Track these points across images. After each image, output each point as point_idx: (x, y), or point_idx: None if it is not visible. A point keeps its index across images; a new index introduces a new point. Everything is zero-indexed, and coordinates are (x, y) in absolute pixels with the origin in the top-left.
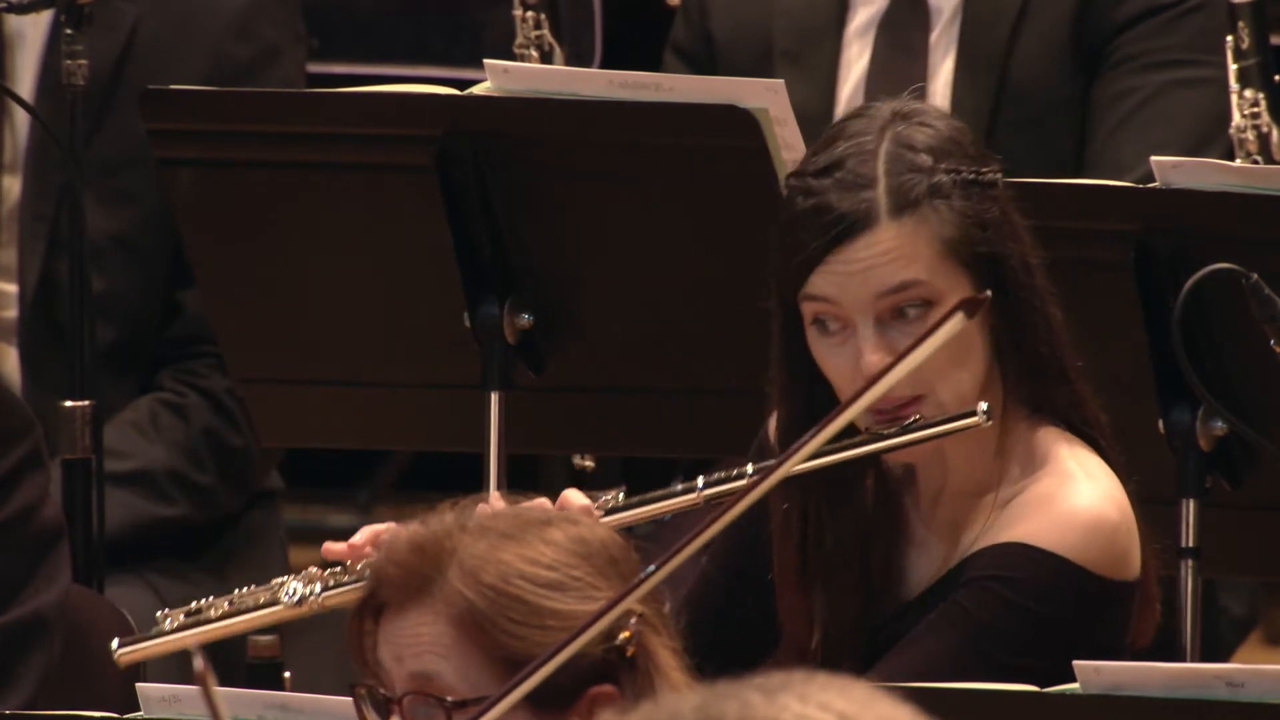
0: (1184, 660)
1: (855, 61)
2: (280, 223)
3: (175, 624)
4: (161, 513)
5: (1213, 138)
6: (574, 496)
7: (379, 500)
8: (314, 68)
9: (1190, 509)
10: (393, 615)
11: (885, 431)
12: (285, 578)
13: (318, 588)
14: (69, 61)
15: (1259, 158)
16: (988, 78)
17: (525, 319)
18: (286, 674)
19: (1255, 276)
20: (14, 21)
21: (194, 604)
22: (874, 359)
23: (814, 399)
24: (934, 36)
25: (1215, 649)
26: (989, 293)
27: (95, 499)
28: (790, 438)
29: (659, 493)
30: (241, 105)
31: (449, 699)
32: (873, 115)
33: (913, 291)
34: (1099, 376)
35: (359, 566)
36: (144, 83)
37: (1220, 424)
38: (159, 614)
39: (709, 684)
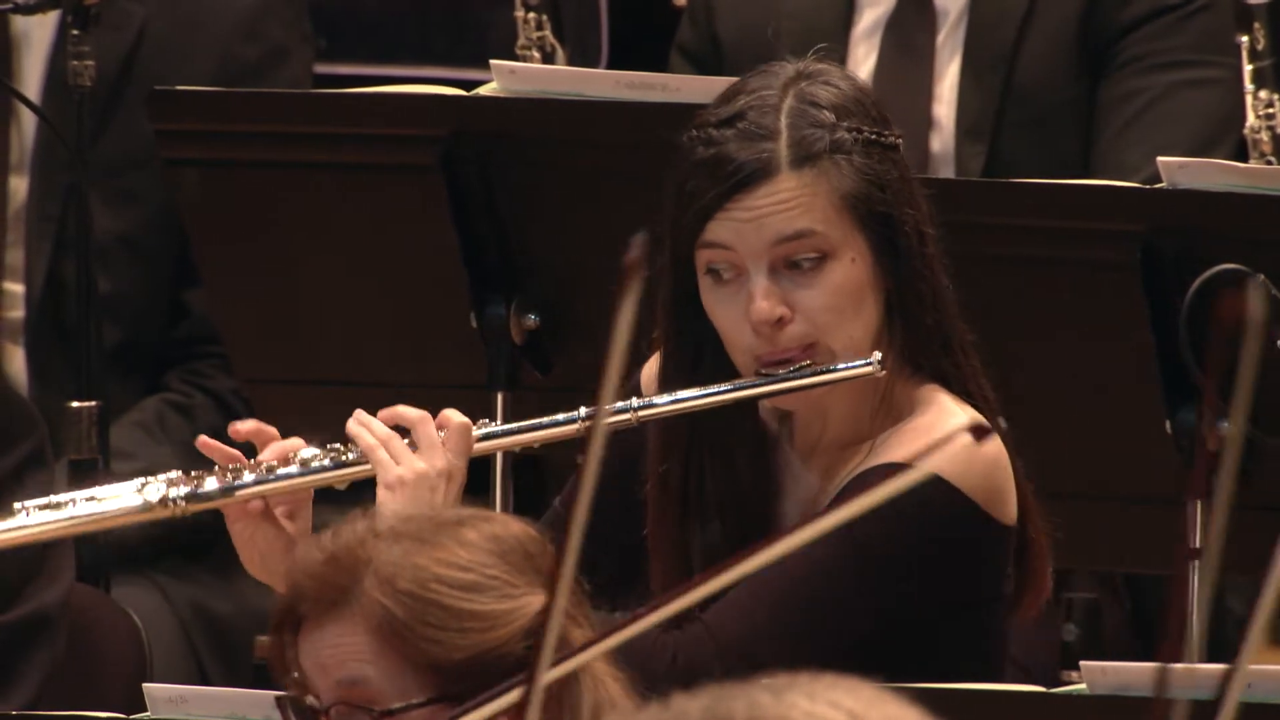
0: (1190, 661)
1: (862, 64)
2: (286, 223)
3: (33, 516)
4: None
5: (1219, 138)
6: (453, 414)
7: None
8: (321, 68)
9: (1197, 510)
10: (311, 628)
11: (778, 374)
12: (151, 477)
13: (182, 491)
14: (75, 62)
15: (1273, 158)
16: (993, 79)
17: (531, 319)
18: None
19: (1262, 277)
20: (21, 22)
21: (53, 497)
22: (764, 305)
23: (703, 353)
24: (940, 38)
25: (1222, 649)
26: (1004, 424)
27: None
28: (674, 387)
29: (540, 420)
30: (248, 106)
31: (376, 708)
32: (776, 73)
33: (808, 241)
34: (1105, 376)
35: (226, 474)
36: (151, 83)
37: (1227, 424)
38: (16, 505)
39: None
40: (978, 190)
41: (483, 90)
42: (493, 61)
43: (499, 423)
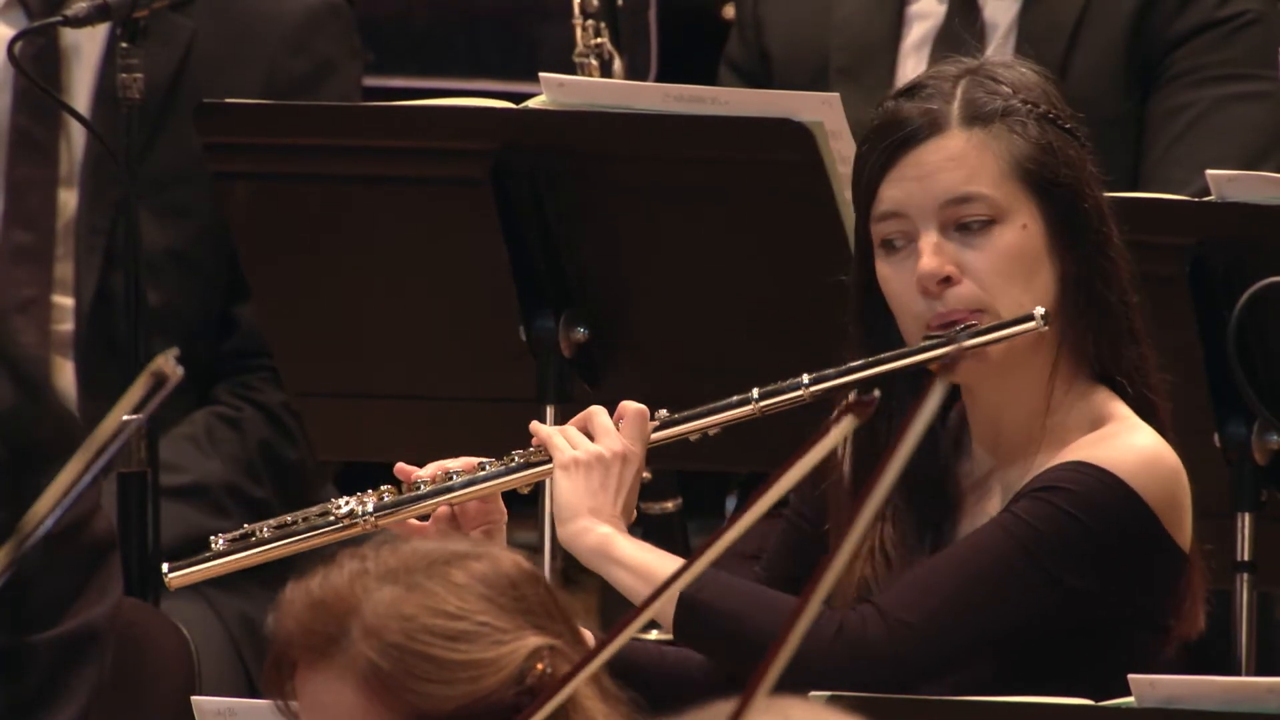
0: (1239, 674)
1: (911, 76)
2: (336, 236)
3: (226, 546)
4: (217, 526)
5: (1268, 152)
6: (630, 404)
7: None
8: (370, 82)
9: (1246, 523)
10: (303, 673)
11: (945, 335)
12: (339, 499)
13: (370, 506)
14: (124, 75)
15: None
16: None
17: (581, 332)
18: None
19: None
20: (70, 35)
21: (246, 527)
22: (932, 262)
23: (888, 339)
24: (989, 51)
25: (1271, 662)
26: (877, 393)
27: (151, 513)
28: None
29: (714, 404)
30: (297, 119)
31: None
32: (965, 60)
33: (976, 205)
34: None
35: (414, 487)
36: (200, 96)
37: (1276, 437)
38: (211, 538)
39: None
40: None
41: (532, 103)
42: (542, 75)
43: (670, 414)
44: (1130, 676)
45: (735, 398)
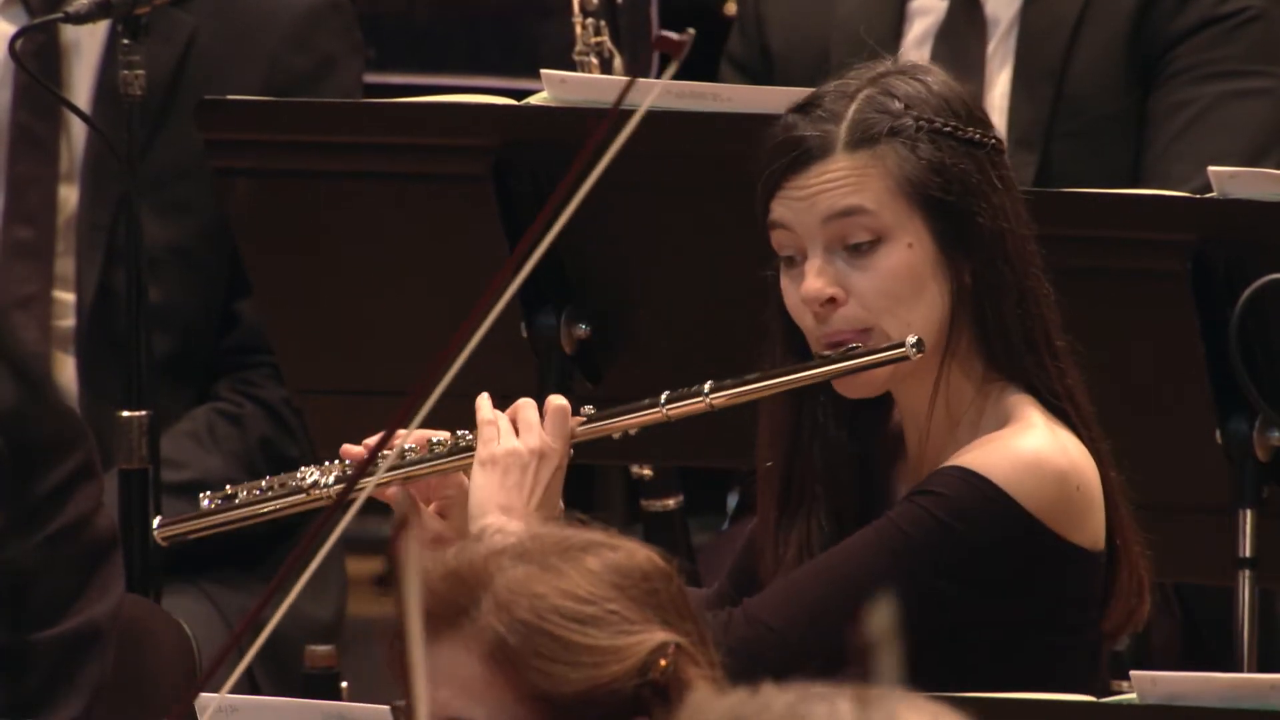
0: (1241, 670)
1: None
2: (337, 233)
3: (214, 505)
4: None
5: (1270, 148)
6: (554, 398)
7: None
8: (371, 78)
9: (1247, 519)
10: (427, 642)
11: (827, 355)
12: (308, 467)
13: (331, 479)
14: (126, 72)
15: None
16: (1044, 89)
17: (582, 329)
18: (344, 684)
19: None
20: (71, 31)
21: (229, 489)
22: (815, 284)
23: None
24: (991, 47)
25: (1272, 659)
26: (691, 32)
27: (152, 509)
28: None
29: (625, 406)
30: (298, 115)
31: None
32: (871, 67)
33: (859, 220)
34: (1155, 386)
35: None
36: (201, 93)
37: (1277, 434)
38: (200, 495)
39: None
40: (1029, 200)
41: (534, 100)
42: (543, 71)
43: (591, 411)
44: (1133, 673)
45: (647, 400)
